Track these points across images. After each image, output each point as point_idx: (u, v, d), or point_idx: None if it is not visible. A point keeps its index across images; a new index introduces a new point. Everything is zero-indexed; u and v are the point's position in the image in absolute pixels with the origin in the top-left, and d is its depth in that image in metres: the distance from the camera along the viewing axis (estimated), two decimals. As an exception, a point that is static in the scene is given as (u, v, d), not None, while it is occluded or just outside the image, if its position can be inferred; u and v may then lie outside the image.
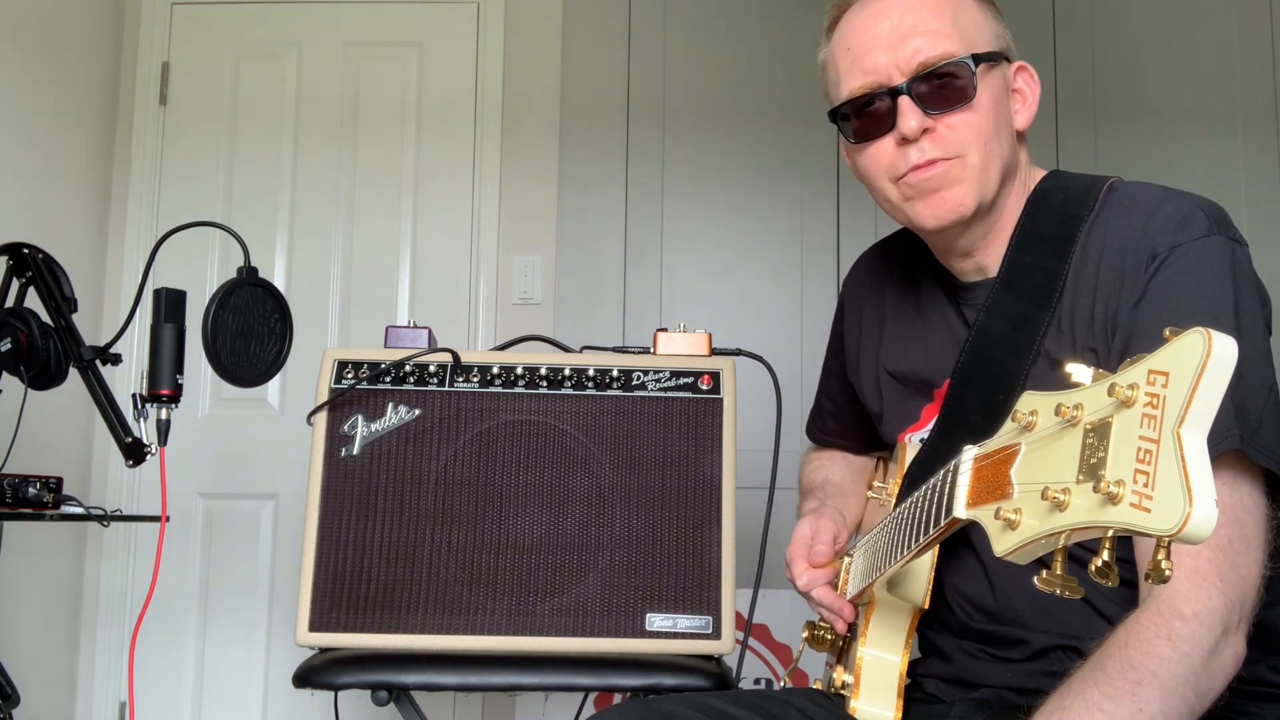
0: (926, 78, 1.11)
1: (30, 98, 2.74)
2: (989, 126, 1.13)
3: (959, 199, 1.13)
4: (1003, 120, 1.15)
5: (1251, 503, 0.96)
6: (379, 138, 3.22)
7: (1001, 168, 1.15)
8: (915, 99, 1.12)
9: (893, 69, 1.13)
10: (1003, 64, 1.17)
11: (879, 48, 1.14)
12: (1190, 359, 0.59)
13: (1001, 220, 1.19)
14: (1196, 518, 0.56)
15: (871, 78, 1.14)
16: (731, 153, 3.20)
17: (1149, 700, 0.89)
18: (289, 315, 1.66)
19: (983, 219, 1.17)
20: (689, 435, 1.66)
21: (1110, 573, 0.64)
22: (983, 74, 1.13)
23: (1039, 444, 0.69)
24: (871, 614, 1.20)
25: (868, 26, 1.15)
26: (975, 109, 1.12)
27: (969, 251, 1.21)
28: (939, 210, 1.14)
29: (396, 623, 1.59)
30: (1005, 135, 1.15)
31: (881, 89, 1.14)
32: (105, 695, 3.04)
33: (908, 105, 1.12)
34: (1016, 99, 1.19)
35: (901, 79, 1.12)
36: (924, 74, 1.11)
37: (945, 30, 1.12)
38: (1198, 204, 1.07)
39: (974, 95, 1.12)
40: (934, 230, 1.17)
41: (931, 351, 1.26)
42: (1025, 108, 1.20)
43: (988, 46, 1.15)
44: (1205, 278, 1.02)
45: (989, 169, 1.13)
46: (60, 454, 2.81)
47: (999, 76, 1.16)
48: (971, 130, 1.12)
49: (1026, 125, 1.20)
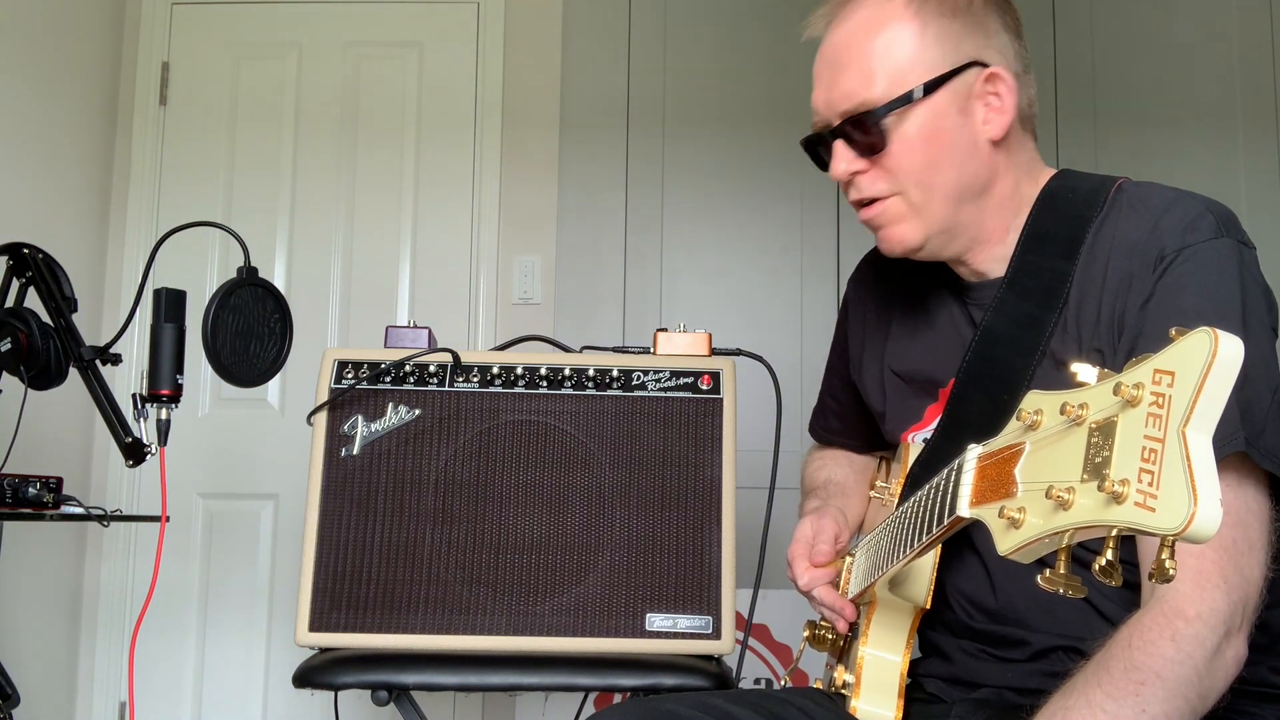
0: (851, 124, 1.14)
1: (30, 98, 2.74)
2: (919, 163, 1.13)
3: (901, 236, 1.17)
4: (948, 146, 1.13)
5: (1256, 505, 0.96)
6: (379, 138, 3.22)
7: (955, 195, 1.14)
8: (846, 142, 1.15)
9: (828, 111, 1.16)
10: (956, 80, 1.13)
11: (821, 87, 1.18)
12: (1196, 358, 0.59)
13: (989, 231, 1.18)
14: (1201, 517, 0.56)
15: (817, 116, 1.19)
16: (731, 152, 3.20)
17: (1152, 701, 0.89)
18: (289, 315, 1.66)
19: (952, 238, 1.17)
20: (689, 435, 1.66)
21: (1114, 572, 0.64)
22: (902, 115, 1.12)
23: (1044, 443, 0.69)
24: (873, 613, 1.20)
25: (817, 63, 1.19)
26: (893, 154, 1.13)
27: (959, 260, 1.21)
28: (888, 247, 1.19)
29: (396, 623, 1.59)
30: (955, 160, 1.13)
31: (823, 130, 1.18)
32: (105, 695, 3.04)
33: (840, 148, 1.16)
34: (991, 104, 1.15)
35: (835, 122, 1.15)
36: (848, 120, 1.14)
37: (866, 74, 1.13)
38: (1207, 206, 1.07)
39: (885, 145, 1.13)
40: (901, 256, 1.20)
41: (937, 351, 1.25)
42: (999, 114, 1.14)
43: (928, 73, 1.12)
44: (1213, 280, 1.02)
45: (931, 203, 1.14)
46: (60, 454, 2.81)
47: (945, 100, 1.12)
48: (901, 171, 1.14)
49: (1001, 133, 1.15)
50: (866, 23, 1.14)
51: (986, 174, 1.16)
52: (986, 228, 1.18)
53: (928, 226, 1.15)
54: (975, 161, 1.15)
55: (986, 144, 1.15)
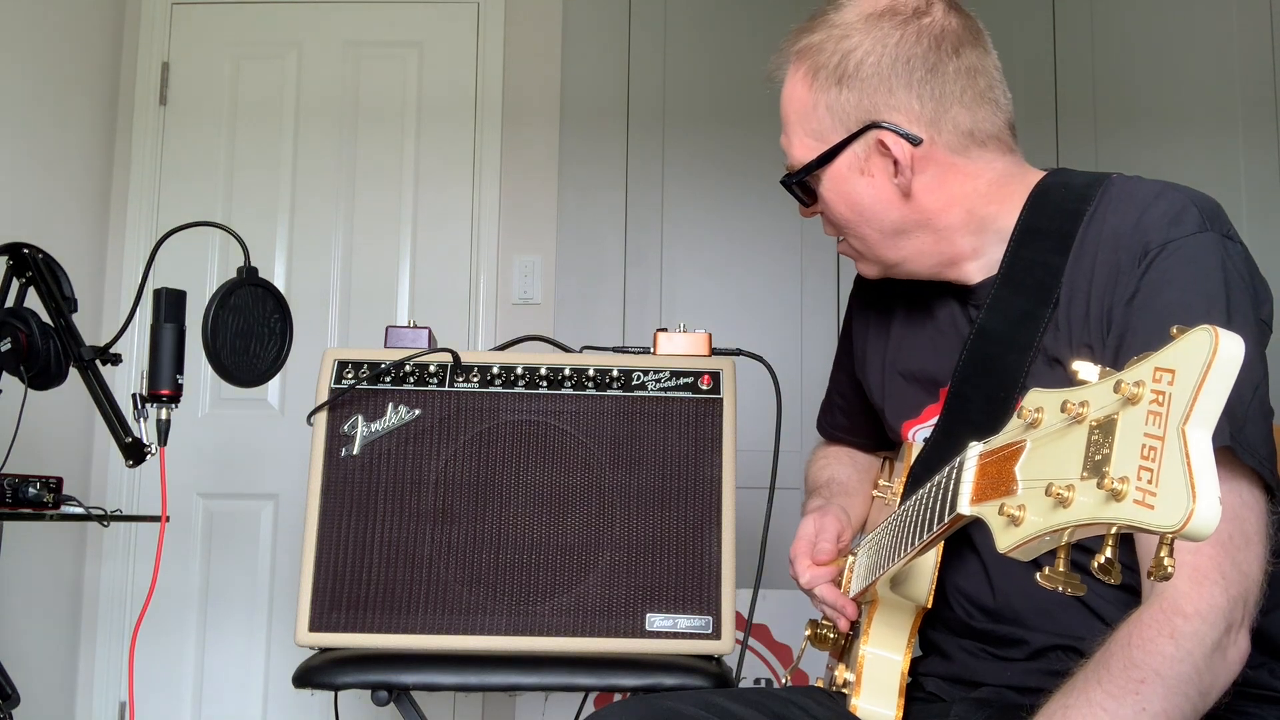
0: (789, 177, 1.24)
1: (30, 98, 2.74)
2: (844, 216, 1.21)
3: (865, 269, 1.28)
4: (862, 202, 1.19)
5: (1250, 498, 0.96)
6: (379, 137, 3.22)
7: (890, 239, 1.20)
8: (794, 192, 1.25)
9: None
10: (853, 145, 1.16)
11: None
12: (1197, 357, 0.59)
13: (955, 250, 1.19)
14: (1199, 515, 0.56)
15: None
16: (732, 152, 3.20)
17: (1152, 699, 0.89)
18: (289, 315, 1.66)
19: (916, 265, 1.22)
20: (689, 435, 1.66)
21: (1112, 569, 0.64)
22: (818, 177, 1.20)
23: (1044, 440, 0.69)
24: (874, 612, 1.20)
25: None
26: (824, 208, 1.23)
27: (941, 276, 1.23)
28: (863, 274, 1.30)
29: (396, 623, 1.59)
30: (874, 213, 1.19)
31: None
32: (105, 695, 3.04)
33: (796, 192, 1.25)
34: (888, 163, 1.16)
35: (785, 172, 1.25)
36: (788, 174, 1.24)
37: (791, 137, 1.23)
38: (1191, 199, 1.07)
39: (814, 201, 1.23)
40: None
41: (939, 350, 1.26)
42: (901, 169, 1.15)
43: (824, 143, 1.19)
44: (1196, 274, 1.02)
45: (871, 248, 1.22)
46: (60, 454, 2.81)
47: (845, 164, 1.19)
48: (835, 221, 1.23)
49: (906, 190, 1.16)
50: (786, 89, 1.25)
51: (917, 217, 1.18)
52: (954, 248, 1.19)
53: (880, 263, 1.24)
54: (896, 212, 1.18)
55: (901, 196, 1.17)
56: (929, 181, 1.17)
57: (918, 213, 1.18)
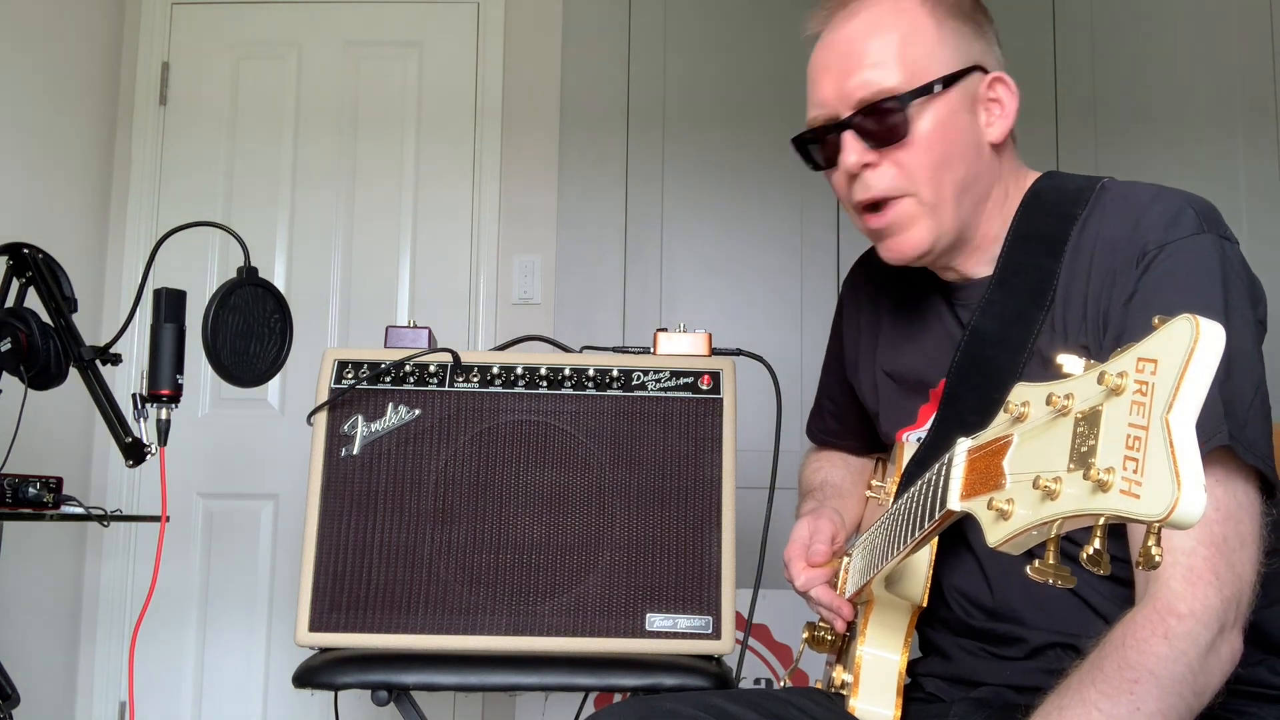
0: (867, 113, 1.12)
1: (31, 97, 2.74)
2: (934, 159, 1.13)
3: (915, 242, 1.15)
4: (958, 144, 1.14)
5: (1246, 499, 0.96)
6: (379, 138, 3.22)
7: (960, 195, 1.14)
8: (858, 133, 1.13)
9: (839, 102, 1.14)
10: (965, 81, 1.14)
11: (829, 79, 1.15)
12: (1179, 346, 0.59)
13: (980, 236, 1.19)
14: (1184, 503, 0.56)
15: (821, 110, 1.16)
16: (731, 152, 3.20)
17: (1146, 699, 0.89)
18: (289, 315, 1.66)
19: (955, 242, 1.18)
20: (689, 435, 1.66)
21: (1101, 560, 0.64)
22: (924, 106, 1.12)
23: (1031, 434, 0.70)
24: (870, 613, 1.20)
25: (824, 56, 1.17)
26: (913, 145, 1.12)
27: (950, 267, 1.22)
28: (895, 253, 1.17)
29: (396, 623, 1.59)
30: (964, 158, 1.14)
31: (830, 122, 1.16)
32: (105, 695, 3.04)
33: (850, 140, 1.14)
34: (994, 109, 1.17)
35: (847, 112, 1.14)
36: (864, 109, 1.12)
37: (888, 63, 1.12)
38: (1188, 201, 1.08)
39: (907, 133, 1.12)
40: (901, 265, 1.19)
41: (927, 351, 1.26)
42: (1001, 119, 1.17)
43: (943, 69, 1.13)
44: (1195, 275, 1.03)
45: (942, 203, 1.14)
46: (60, 454, 2.81)
47: (956, 99, 1.13)
48: (916, 165, 1.13)
49: (1001, 137, 1.17)
50: (882, 16, 1.14)
51: (988, 177, 1.17)
52: (979, 231, 1.19)
53: (939, 228, 1.15)
54: (979, 163, 1.16)
55: (988, 147, 1.16)
56: (1003, 145, 1.18)
57: (990, 172, 1.17)
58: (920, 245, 1.15)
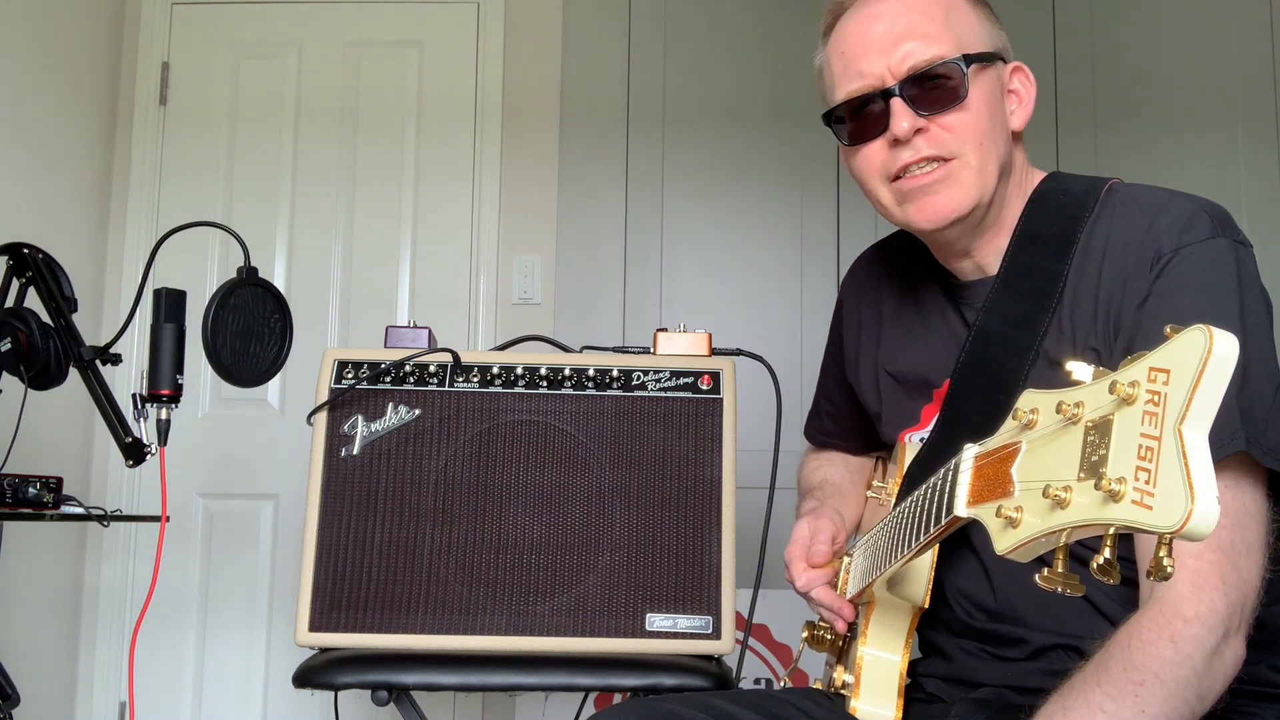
0: (918, 80, 1.12)
1: (31, 97, 2.74)
2: (983, 125, 1.13)
3: (956, 202, 1.14)
4: (997, 120, 1.16)
5: (1254, 506, 0.96)
6: (379, 138, 3.22)
7: (998, 167, 1.15)
8: (907, 101, 1.13)
9: (885, 73, 1.14)
10: (997, 65, 1.18)
11: (872, 51, 1.15)
12: (1192, 356, 0.59)
13: (1001, 219, 1.19)
14: (1198, 515, 0.56)
15: (865, 81, 1.15)
16: (731, 152, 3.20)
17: (1151, 701, 0.89)
18: (289, 315, 1.66)
19: (982, 219, 1.17)
20: (689, 435, 1.66)
21: (1112, 570, 0.64)
22: (975, 74, 1.13)
23: (1040, 442, 0.69)
24: (871, 613, 1.20)
25: (861, 30, 1.17)
26: (968, 109, 1.13)
27: (968, 251, 1.21)
28: (935, 213, 1.15)
29: (396, 623, 1.59)
30: (1000, 135, 1.16)
31: (874, 91, 1.15)
32: (105, 695, 3.04)
33: (900, 106, 1.13)
34: (1012, 99, 1.20)
35: (894, 82, 1.13)
36: (915, 76, 1.12)
37: (937, 32, 1.13)
38: (1202, 206, 1.08)
39: (966, 95, 1.12)
40: (930, 232, 1.17)
41: (931, 351, 1.26)
42: (1021, 108, 1.20)
43: (981, 48, 1.16)
44: (1210, 280, 1.02)
45: (986, 169, 1.14)
46: (60, 454, 2.81)
47: (993, 77, 1.16)
48: (966, 130, 1.13)
49: (1022, 125, 1.20)
50: None
51: (1011, 161, 1.19)
52: (1002, 213, 1.19)
53: (980, 192, 1.14)
54: (1006, 144, 1.18)
55: (1011, 133, 1.19)
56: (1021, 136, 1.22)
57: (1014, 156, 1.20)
58: (961, 206, 1.14)
